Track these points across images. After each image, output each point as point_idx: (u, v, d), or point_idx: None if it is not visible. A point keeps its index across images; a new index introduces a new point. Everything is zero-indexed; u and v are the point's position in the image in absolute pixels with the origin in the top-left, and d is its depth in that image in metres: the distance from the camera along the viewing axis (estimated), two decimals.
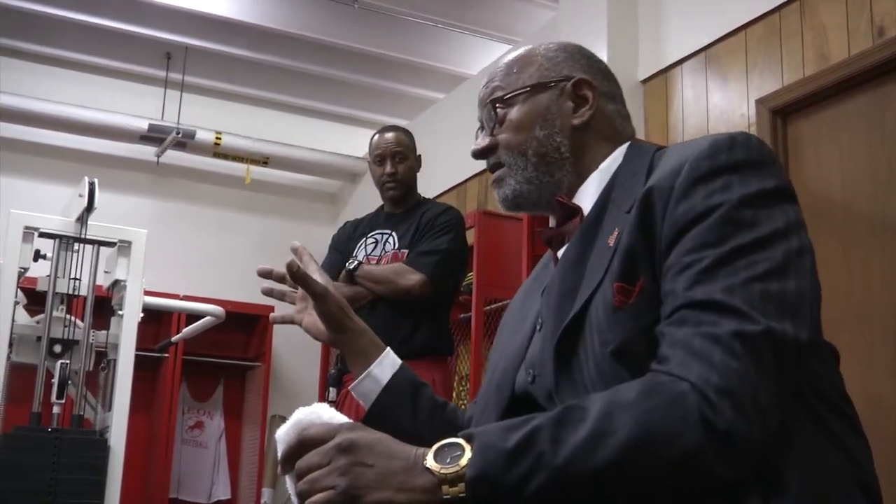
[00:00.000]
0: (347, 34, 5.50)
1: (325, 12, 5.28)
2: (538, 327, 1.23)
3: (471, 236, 3.77)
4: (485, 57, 5.51)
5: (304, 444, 1.01)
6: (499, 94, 1.32)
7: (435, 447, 0.97)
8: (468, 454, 0.95)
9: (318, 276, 1.37)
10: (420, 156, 3.28)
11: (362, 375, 1.38)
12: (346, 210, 6.56)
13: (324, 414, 1.05)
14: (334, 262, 3.19)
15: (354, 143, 6.37)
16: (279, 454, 1.06)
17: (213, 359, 6.10)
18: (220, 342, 5.99)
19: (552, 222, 1.33)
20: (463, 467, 0.94)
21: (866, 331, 2.71)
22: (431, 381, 2.99)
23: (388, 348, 1.42)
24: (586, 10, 4.04)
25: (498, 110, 1.32)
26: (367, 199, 5.19)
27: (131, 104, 6.00)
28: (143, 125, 5.89)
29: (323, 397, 3.72)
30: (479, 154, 1.35)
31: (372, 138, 3.26)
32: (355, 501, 0.95)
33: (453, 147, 5.39)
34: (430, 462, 0.96)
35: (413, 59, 5.75)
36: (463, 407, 4.46)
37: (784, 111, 3.24)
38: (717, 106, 3.56)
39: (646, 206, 1.08)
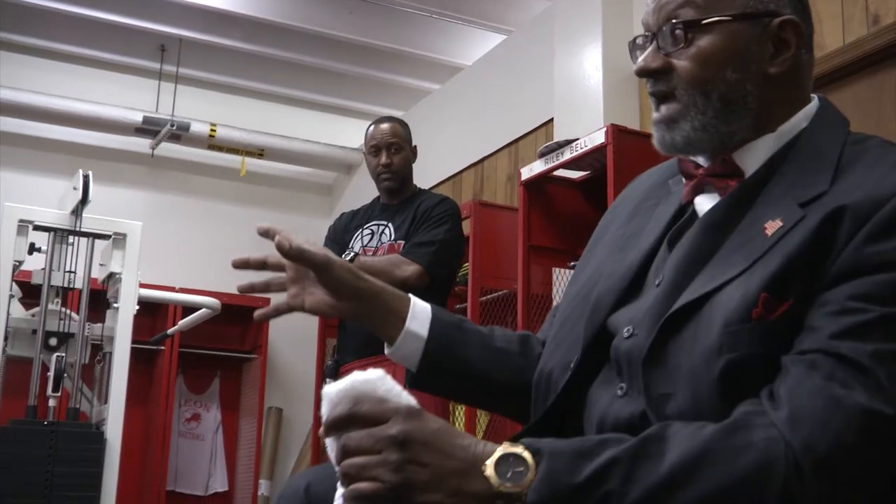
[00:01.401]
0: (342, 25, 5.48)
1: (319, 3, 5.27)
2: (658, 282, 1.10)
3: (466, 227, 3.76)
4: (479, 47, 5.50)
5: (355, 419, 0.94)
6: (691, 13, 1.10)
7: (497, 454, 0.91)
8: (531, 474, 0.89)
9: (310, 247, 1.22)
10: (416, 146, 3.27)
11: (400, 336, 1.23)
12: (342, 201, 6.55)
13: (380, 387, 0.98)
14: None
15: (350, 134, 6.36)
16: (324, 413, 0.98)
17: (209, 351, 6.09)
18: (216, 334, 5.99)
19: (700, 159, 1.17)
20: (525, 489, 0.88)
21: None
22: None
23: (412, 297, 1.26)
24: (582, 0, 4.04)
25: (687, 32, 1.10)
26: (362, 190, 5.18)
27: (126, 96, 5.99)
28: (137, 117, 5.88)
29: (319, 389, 3.72)
30: (647, 73, 1.13)
31: (367, 129, 3.25)
32: (404, 499, 0.90)
33: (449, 137, 5.39)
34: (489, 471, 0.90)
35: (408, 50, 5.74)
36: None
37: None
38: None
39: (831, 223, 0.96)
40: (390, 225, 3.14)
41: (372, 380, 0.99)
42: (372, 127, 3.24)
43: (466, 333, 1.27)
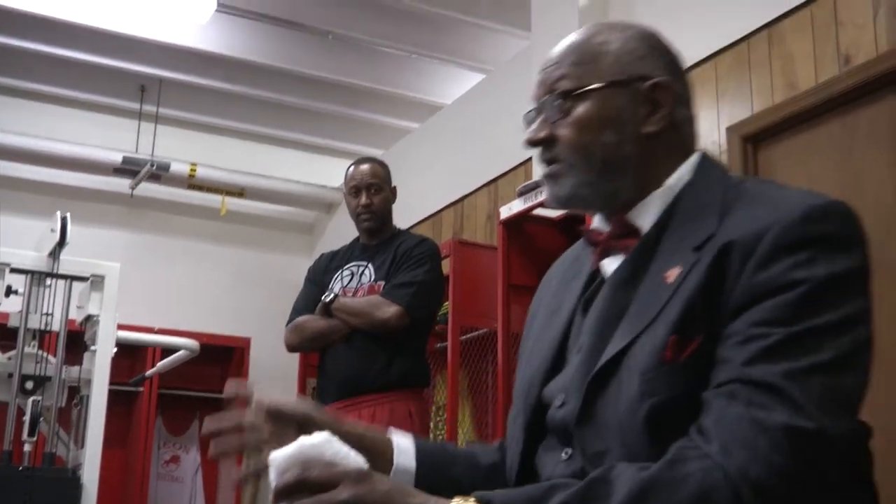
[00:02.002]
0: (321, 65, 5.52)
1: (298, 43, 5.30)
2: (577, 348, 1.15)
3: (446, 266, 3.77)
4: (458, 86, 5.54)
5: (305, 485, 0.96)
6: (567, 84, 1.18)
7: None
8: None
9: (290, 405, 1.20)
10: (395, 187, 3.28)
11: (391, 474, 1.22)
12: (323, 240, 6.55)
13: (327, 451, 0.99)
14: (310, 295, 3.18)
15: (330, 173, 6.38)
16: (272, 480, 1.00)
17: (189, 392, 6.04)
18: (195, 375, 5.94)
19: (597, 222, 1.23)
20: None
21: None
22: (408, 413, 2.98)
23: (392, 433, 1.26)
24: (558, 39, 4.05)
25: (564, 102, 1.17)
26: (343, 229, 5.19)
27: (105, 137, 5.98)
28: (117, 158, 5.87)
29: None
30: (534, 144, 1.20)
31: (347, 170, 3.26)
32: None
33: (429, 176, 5.41)
34: None
35: (387, 89, 5.78)
36: (440, 437, 4.39)
37: (754, 138, 3.28)
38: None
39: (720, 260, 1.01)
40: (370, 266, 3.14)
41: (318, 444, 0.99)
42: (352, 168, 3.25)
43: (452, 456, 1.29)
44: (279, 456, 1.00)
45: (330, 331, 3.04)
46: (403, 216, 4.09)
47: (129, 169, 5.93)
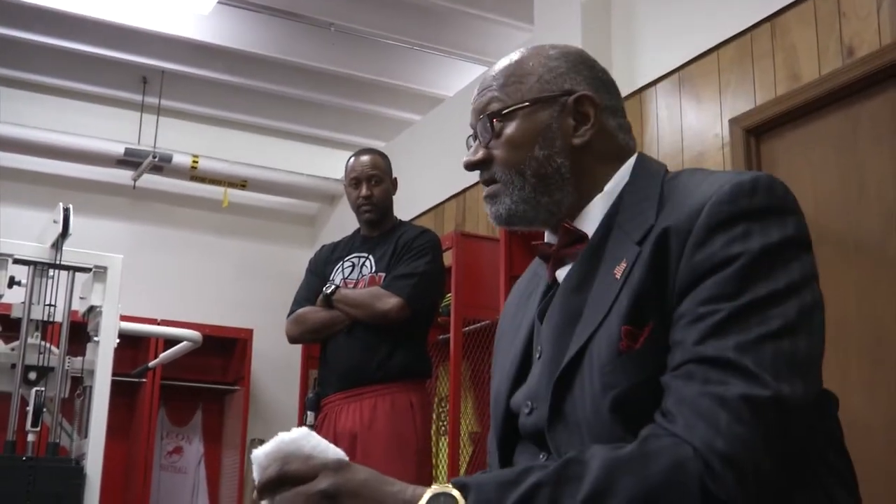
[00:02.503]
0: (324, 57, 5.51)
1: (301, 35, 5.29)
2: (538, 355, 1.19)
3: (448, 258, 3.77)
4: (461, 78, 5.53)
5: (285, 479, 0.98)
6: (495, 106, 1.24)
7: (428, 495, 0.95)
8: None
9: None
10: (396, 178, 3.28)
11: None
12: (325, 232, 6.55)
13: (305, 445, 1.02)
14: (311, 286, 3.18)
15: (332, 165, 6.37)
16: (256, 478, 1.02)
17: (191, 383, 6.05)
18: (198, 366, 5.95)
19: (548, 237, 1.28)
20: None
21: (840, 350, 2.72)
22: (409, 404, 2.99)
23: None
24: (561, 32, 4.07)
25: (494, 123, 1.23)
26: (345, 221, 5.19)
27: (107, 128, 5.98)
28: (119, 149, 5.87)
29: (301, 421, 3.71)
30: (471, 167, 1.27)
31: (347, 161, 3.26)
32: None
33: (431, 168, 5.41)
34: None
35: (389, 81, 5.77)
36: (443, 428, 4.40)
37: (757, 131, 3.27)
38: (691, 126, 3.59)
39: (660, 247, 1.05)
40: (371, 257, 3.14)
41: (296, 439, 1.02)
42: (352, 159, 3.25)
43: None
44: (260, 453, 1.02)
45: (331, 322, 3.05)
46: (406, 208, 4.09)
47: (131, 160, 5.93)
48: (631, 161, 1.23)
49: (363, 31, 5.17)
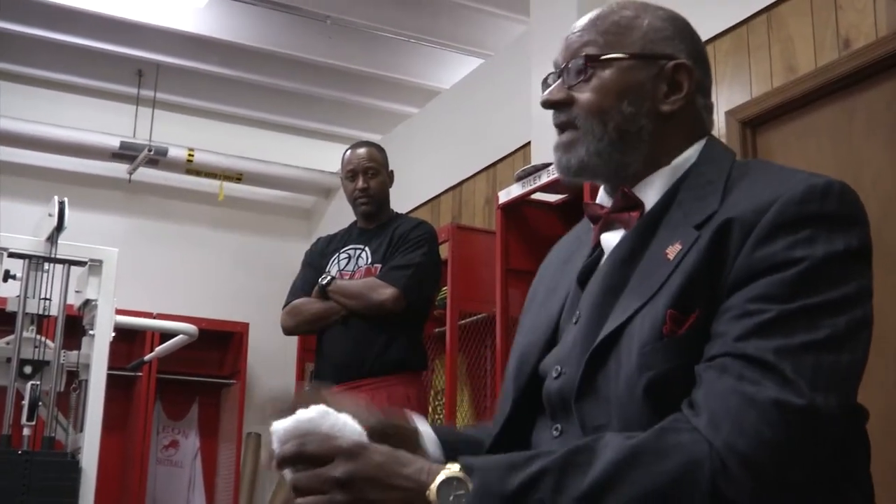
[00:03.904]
0: (320, 50, 5.50)
1: (297, 28, 5.28)
2: (575, 320, 1.16)
3: (444, 250, 3.77)
4: (457, 71, 5.53)
5: (302, 458, 1.00)
6: (592, 49, 1.19)
7: (439, 480, 0.95)
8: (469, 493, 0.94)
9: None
10: (392, 171, 3.27)
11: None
12: (321, 225, 6.55)
13: (323, 424, 1.02)
14: (307, 278, 3.18)
15: (328, 158, 6.36)
16: (274, 451, 1.04)
17: (187, 377, 6.05)
18: (194, 360, 5.95)
19: (601, 198, 1.25)
20: None
21: None
22: (406, 397, 2.98)
23: (414, 419, 1.27)
24: (557, 23, 4.06)
25: (588, 66, 1.19)
26: (341, 214, 5.18)
27: (103, 122, 5.97)
28: (114, 143, 5.86)
29: None
30: (550, 104, 1.22)
31: (344, 154, 3.25)
32: None
33: (427, 161, 5.41)
34: (432, 496, 0.94)
35: (386, 74, 5.76)
36: (439, 422, 4.41)
37: (753, 122, 3.27)
38: None
39: (722, 237, 1.02)
40: (367, 249, 3.14)
41: (314, 418, 1.03)
42: (348, 152, 3.24)
43: (463, 440, 1.29)
44: (279, 428, 1.03)
45: (326, 313, 3.04)
46: (402, 201, 4.08)
47: (126, 154, 5.92)
48: (702, 142, 1.20)
49: (359, 23, 5.16)
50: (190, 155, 6.04)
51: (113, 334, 3.90)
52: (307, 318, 3.08)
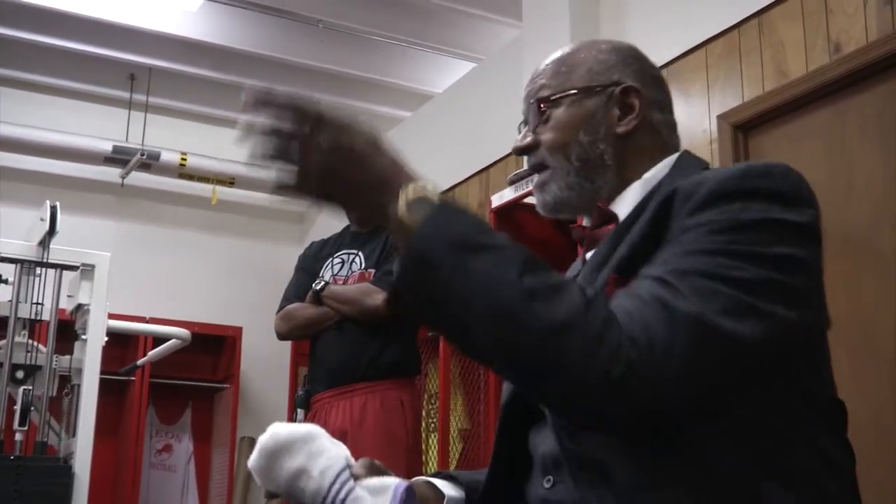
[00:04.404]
0: (312, 54, 5.50)
1: (289, 32, 5.28)
2: None
3: None
4: (450, 75, 5.53)
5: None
6: (545, 92, 1.29)
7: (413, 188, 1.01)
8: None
9: None
10: None
11: None
12: (314, 229, 6.54)
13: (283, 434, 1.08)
14: (301, 283, 3.18)
15: None
16: (262, 484, 1.07)
17: (180, 381, 6.04)
18: (187, 364, 5.94)
19: (585, 221, 1.31)
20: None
21: (830, 346, 2.73)
22: (399, 402, 2.98)
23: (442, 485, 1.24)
24: (550, 28, 4.07)
25: (543, 109, 1.28)
26: (334, 218, 5.18)
27: (95, 126, 5.96)
28: (107, 147, 5.85)
29: (291, 419, 3.69)
30: (520, 151, 1.31)
31: None
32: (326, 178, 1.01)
33: (419, 165, 5.35)
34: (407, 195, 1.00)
35: (378, 78, 5.76)
36: (433, 425, 4.38)
37: (745, 126, 3.28)
38: (680, 121, 3.55)
39: (663, 206, 1.07)
40: (360, 254, 3.14)
41: (279, 441, 1.10)
42: None
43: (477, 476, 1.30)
44: (254, 464, 1.10)
45: (320, 318, 3.04)
46: None
47: (119, 158, 5.90)
48: (674, 156, 1.26)
49: (352, 27, 5.16)
50: (182, 159, 6.03)
51: (105, 339, 3.89)
52: (301, 323, 3.08)
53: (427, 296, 0.96)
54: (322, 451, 1.08)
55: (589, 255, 1.25)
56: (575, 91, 1.27)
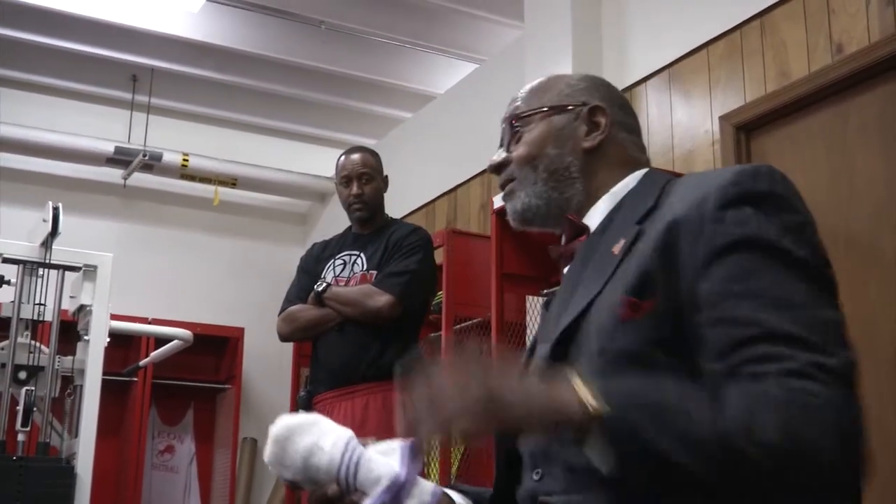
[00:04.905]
0: (314, 54, 5.50)
1: (291, 33, 5.28)
2: (544, 339, 1.23)
3: (440, 255, 3.77)
4: (451, 76, 5.53)
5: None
6: (518, 111, 1.37)
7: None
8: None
9: None
10: (387, 176, 3.28)
11: None
12: (316, 230, 6.54)
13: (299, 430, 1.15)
14: (303, 284, 3.18)
15: (323, 163, 6.36)
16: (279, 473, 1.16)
17: (182, 382, 6.04)
18: (189, 365, 5.94)
19: (562, 240, 1.35)
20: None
21: None
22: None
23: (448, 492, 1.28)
24: (551, 29, 4.07)
25: (516, 128, 1.36)
26: (336, 219, 5.18)
27: (97, 127, 5.96)
28: (109, 148, 5.85)
29: None
30: (493, 168, 1.39)
31: (338, 160, 3.26)
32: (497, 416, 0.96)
33: (422, 166, 5.41)
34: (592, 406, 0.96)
35: (380, 79, 5.76)
36: None
37: (747, 127, 3.28)
38: (682, 122, 3.59)
39: (670, 235, 1.09)
40: (362, 255, 3.14)
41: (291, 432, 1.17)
42: (342, 157, 3.25)
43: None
44: (271, 457, 1.16)
45: (322, 320, 3.04)
46: (397, 206, 4.09)
47: (121, 159, 5.90)
48: (641, 171, 1.32)
49: (354, 28, 5.16)
50: (185, 160, 6.03)
51: (108, 339, 3.90)
52: (303, 324, 3.09)
53: (643, 462, 0.96)
54: (329, 430, 1.16)
55: (566, 270, 1.29)
56: (546, 109, 1.35)
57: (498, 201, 3.68)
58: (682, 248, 1.07)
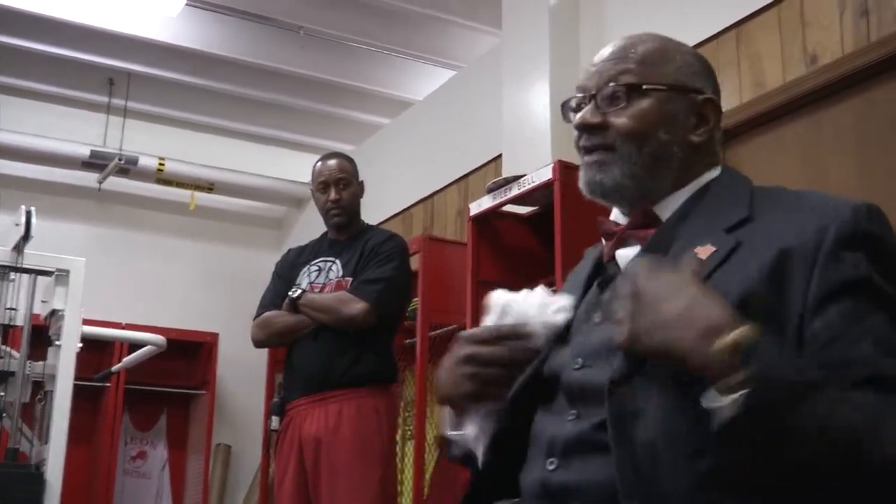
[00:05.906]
0: (292, 60, 5.49)
1: (270, 38, 5.27)
2: (597, 320, 1.21)
3: (416, 262, 3.76)
4: (429, 83, 5.53)
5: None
6: (629, 78, 1.26)
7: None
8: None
9: None
10: (363, 182, 3.27)
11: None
12: (292, 236, 6.52)
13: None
14: (277, 290, 3.16)
15: (300, 168, 6.34)
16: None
17: (156, 387, 5.99)
18: (163, 370, 5.88)
19: (615, 215, 1.31)
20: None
21: None
22: (375, 409, 2.97)
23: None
24: (529, 36, 4.08)
25: (626, 94, 1.25)
26: (312, 224, 5.17)
27: (73, 130, 5.92)
28: (84, 151, 5.81)
29: (267, 426, 3.67)
30: (586, 127, 1.27)
31: (314, 165, 3.25)
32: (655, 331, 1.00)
33: (399, 172, 5.41)
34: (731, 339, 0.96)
35: (358, 85, 5.76)
36: (409, 433, 4.37)
37: (722, 136, 3.29)
38: None
39: (781, 263, 1.08)
40: (338, 261, 3.13)
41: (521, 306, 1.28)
42: (319, 163, 3.24)
43: None
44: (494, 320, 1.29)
45: (297, 326, 3.03)
46: (374, 212, 4.08)
47: (96, 163, 5.87)
48: (718, 168, 1.29)
49: (332, 34, 5.16)
50: (161, 164, 6.00)
51: (80, 345, 3.86)
52: (278, 330, 3.07)
53: (771, 438, 0.96)
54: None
55: (623, 254, 1.25)
56: (664, 87, 1.26)
57: (474, 209, 3.68)
58: (794, 278, 1.07)
